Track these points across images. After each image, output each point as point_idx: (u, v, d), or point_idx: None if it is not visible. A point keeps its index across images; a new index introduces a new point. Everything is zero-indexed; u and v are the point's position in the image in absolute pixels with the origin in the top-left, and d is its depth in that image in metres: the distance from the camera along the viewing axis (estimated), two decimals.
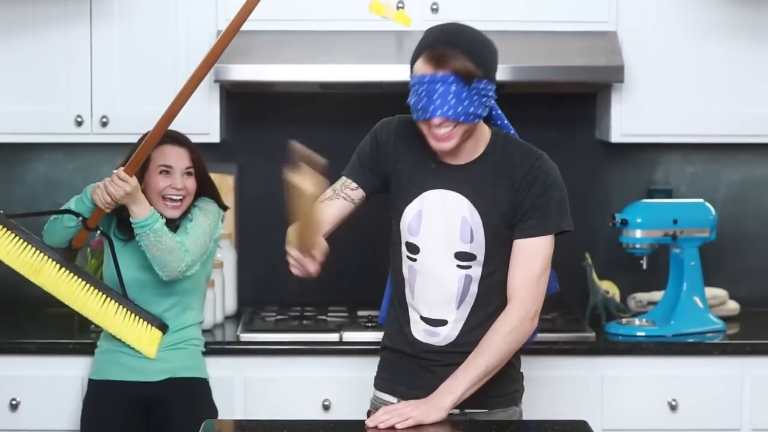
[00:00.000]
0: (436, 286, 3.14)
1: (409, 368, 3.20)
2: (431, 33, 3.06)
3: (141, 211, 3.59)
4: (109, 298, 3.70)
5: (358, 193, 3.21)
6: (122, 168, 3.56)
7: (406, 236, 3.16)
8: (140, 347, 3.73)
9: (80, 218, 3.64)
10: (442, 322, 3.15)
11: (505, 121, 3.25)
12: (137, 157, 3.55)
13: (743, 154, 4.69)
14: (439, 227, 3.12)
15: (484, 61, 3.02)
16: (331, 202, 3.19)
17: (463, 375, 3.03)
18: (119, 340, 3.73)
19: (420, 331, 3.18)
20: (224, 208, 3.87)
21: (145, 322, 3.72)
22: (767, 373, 4.12)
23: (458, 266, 3.13)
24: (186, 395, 3.79)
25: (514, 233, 3.11)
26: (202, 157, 3.81)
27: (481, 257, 3.12)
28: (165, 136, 3.61)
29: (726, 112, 4.34)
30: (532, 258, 3.09)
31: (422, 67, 3.02)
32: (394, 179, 3.18)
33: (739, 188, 4.71)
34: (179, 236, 3.68)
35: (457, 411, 3.12)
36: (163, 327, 3.73)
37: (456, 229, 3.11)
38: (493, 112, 3.21)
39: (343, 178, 3.23)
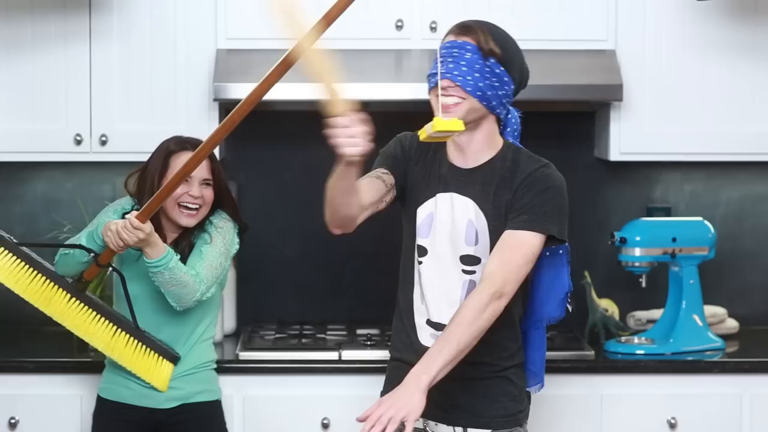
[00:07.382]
0: (441, 288, 3.14)
1: None
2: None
3: (155, 253, 3.50)
4: (119, 330, 3.62)
5: (390, 178, 3.20)
6: (135, 214, 3.43)
7: (416, 238, 3.18)
8: (150, 380, 3.66)
9: (92, 254, 3.54)
10: None
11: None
12: (152, 205, 3.43)
13: (742, 173, 4.69)
14: (447, 230, 3.14)
15: (505, 49, 3.12)
16: (371, 180, 3.15)
17: (436, 353, 2.92)
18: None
19: (427, 337, 3.17)
20: (242, 226, 3.81)
21: (157, 354, 3.64)
22: (766, 392, 4.11)
23: (463, 271, 3.13)
24: (198, 420, 3.76)
25: (506, 227, 3.08)
26: (222, 170, 3.76)
27: (485, 260, 3.11)
28: (187, 143, 3.64)
29: (725, 130, 4.34)
30: (516, 248, 3.04)
31: (447, 36, 3.13)
32: (410, 181, 3.20)
33: (738, 206, 4.71)
34: (193, 265, 3.61)
35: (460, 430, 3.13)
36: (174, 359, 3.67)
37: (462, 232, 3.12)
38: (508, 130, 3.23)
39: (375, 170, 3.20)
